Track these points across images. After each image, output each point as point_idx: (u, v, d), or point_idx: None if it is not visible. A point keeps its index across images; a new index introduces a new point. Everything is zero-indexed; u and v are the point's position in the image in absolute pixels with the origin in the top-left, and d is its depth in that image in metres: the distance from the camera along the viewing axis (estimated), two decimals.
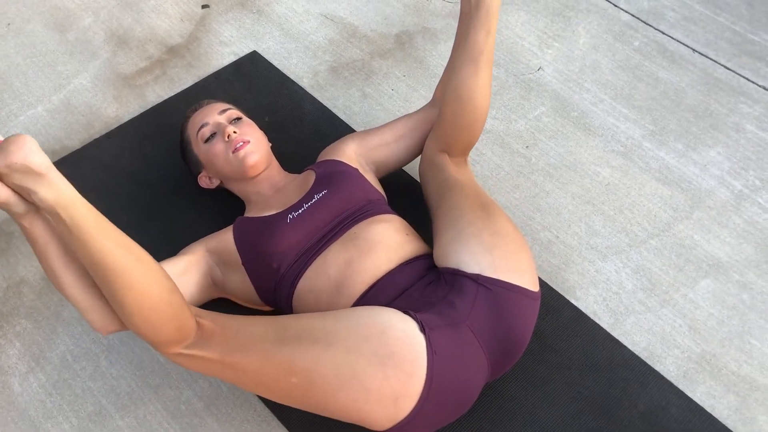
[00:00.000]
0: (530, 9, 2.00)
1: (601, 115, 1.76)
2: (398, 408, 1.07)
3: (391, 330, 1.09)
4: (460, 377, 1.11)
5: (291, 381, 1.08)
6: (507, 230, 1.24)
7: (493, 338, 1.16)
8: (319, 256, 1.28)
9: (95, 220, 1.01)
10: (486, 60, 1.36)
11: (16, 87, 1.83)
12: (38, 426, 1.30)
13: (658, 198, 1.60)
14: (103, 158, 1.67)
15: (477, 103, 1.37)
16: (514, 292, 1.17)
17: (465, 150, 1.44)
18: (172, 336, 1.10)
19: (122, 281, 1.03)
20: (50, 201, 0.96)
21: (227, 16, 1.99)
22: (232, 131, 1.41)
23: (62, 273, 1.07)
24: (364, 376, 1.05)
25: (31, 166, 0.93)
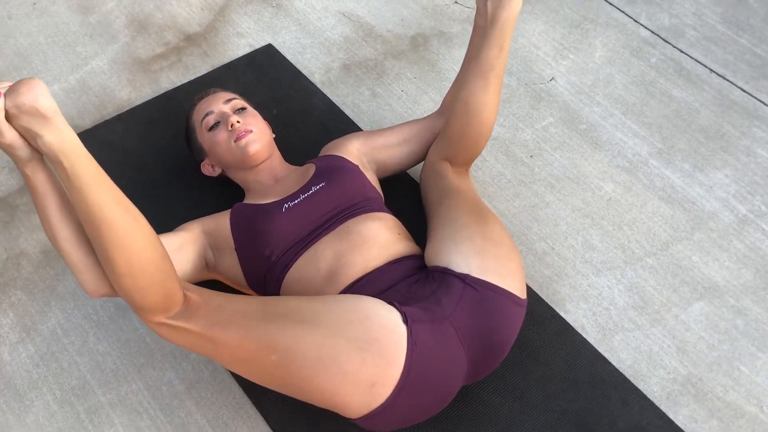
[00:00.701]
0: (548, 19, 1.99)
1: (610, 129, 1.74)
2: (374, 395, 1.07)
3: (375, 317, 1.10)
4: (437, 372, 1.12)
5: (271, 358, 1.08)
6: (500, 237, 1.24)
7: (475, 338, 1.16)
8: (311, 247, 1.29)
9: (95, 172, 1.02)
10: (496, 76, 1.37)
11: (36, 65, 1.87)
12: (22, 395, 1.33)
13: (659, 216, 1.58)
14: (111, 139, 1.70)
15: (484, 118, 1.38)
16: (501, 295, 1.17)
17: (468, 161, 1.46)
18: (158, 303, 1.10)
19: (115, 237, 1.03)
20: (53, 146, 0.97)
21: (247, 9, 2.01)
22: (235, 120, 1.43)
23: (58, 226, 1.08)
24: (344, 359, 1.06)
25: (39, 108, 0.94)
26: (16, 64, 1.87)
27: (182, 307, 1.13)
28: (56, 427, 1.29)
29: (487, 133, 1.42)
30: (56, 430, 1.29)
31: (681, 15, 1.99)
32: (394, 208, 1.51)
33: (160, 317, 1.12)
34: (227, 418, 1.30)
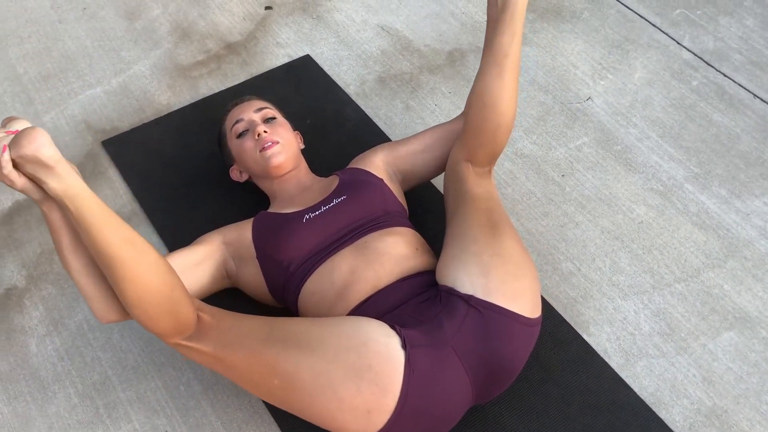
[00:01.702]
0: (589, 38, 1.97)
1: (645, 151, 1.71)
2: (370, 422, 1.07)
3: (372, 343, 1.09)
4: (438, 398, 1.10)
5: (273, 382, 1.10)
6: (511, 252, 1.21)
7: (479, 362, 1.14)
8: (328, 260, 1.29)
9: (100, 212, 1.05)
10: (511, 64, 1.32)
11: (81, 67, 1.93)
12: (46, 387, 1.36)
13: (691, 242, 1.54)
14: (147, 142, 1.74)
15: (501, 109, 1.33)
16: (507, 317, 1.15)
17: (488, 159, 1.39)
18: (170, 329, 1.14)
19: (123, 273, 1.07)
20: (58, 192, 1.02)
21: (287, 19, 2.04)
22: (262, 130, 1.45)
23: (71, 259, 1.13)
24: (339, 386, 1.06)
25: (40, 158, 0.99)
26: (63, 66, 1.93)
27: (195, 329, 1.16)
28: (76, 420, 1.32)
29: (506, 125, 1.36)
30: (76, 422, 1.32)
31: (726, 38, 1.95)
32: (419, 219, 1.51)
33: (174, 339, 1.15)
34: (241, 422, 1.31)
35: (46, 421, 1.32)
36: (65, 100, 1.85)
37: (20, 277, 1.51)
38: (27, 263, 1.53)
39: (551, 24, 2.01)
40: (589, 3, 2.06)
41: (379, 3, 2.08)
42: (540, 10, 2.05)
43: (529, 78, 1.87)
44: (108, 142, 1.75)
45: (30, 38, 2.00)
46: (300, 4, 2.08)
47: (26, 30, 2.02)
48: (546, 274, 1.50)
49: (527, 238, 1.56)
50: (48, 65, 1.93)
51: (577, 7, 2.06)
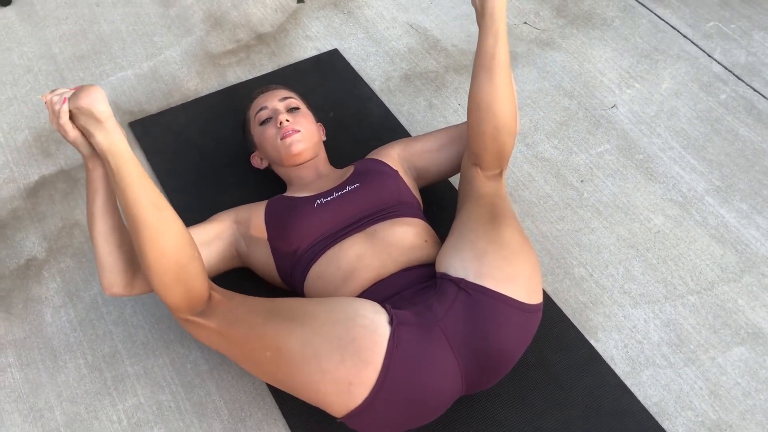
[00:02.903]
0: (618, 47, 1.96)
1: (667, 162, 1.69)
2: (352, 394, 1.08)
3: (360, 318, 1.11)
4: (421, 377, 1.10)
5: (266, 354, 1.13)
6: (508, 240, 1.21)
7: (469, 345, 1.14)
8: (336, 245, 1.31)
9: (137, 174, 1.12)
10: (499, 65, 1.31)
11: (114, 51, 1.97)
12: (57, 356, 1.39)
13: (708, 255, 1.53)
14: (173, 126, 1.78)
15: (496, 110, 1.32)
16: (496, 300, 1.14)
17: (496, 161, 1.37)
18: (182, 301, 1.17)
19: (146, 235, 1.12)
20: (103, 146, 1.10)
21: (318, 13, 2.06)
22: (285, 119, 1.47)
23: (98, 221, 1.19)
24: (324, 356, 1.08)
25: (93, 111, 1.08)
26: (97, 49, 1.97)
27: (205, 306, 1.20)
28: (83, 390, 1.35)
29: (504, 126, 1.33)
30: (83, 392, 1.35)
31: (760, 53, 1.93)
32: (434, 216, 1.51)
33: (185, 314, 1.19)
34: (244, 402, 1.33)
35: (55, 389, 1.35)
36: (97, 80, 1.89)
37: (41, 249, 1.55)
38: (48, 236, 1.57)
39: (581, 30, 2.00)
40: (620, 11, 2.05)
41: (410, 1, 2.10)
42: (570, 16, 2.04)
43: (555, 83, 1.87)
44: (135, 124, 1.78)
45: (67, 20, 2.05)
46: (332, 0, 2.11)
47: (64, 11, 2.07)
48: (557, 277, 1.49)
49: (541, 241, 1.55)
50: (83, 46, 1.98)
51: (609, 15, 2.05)
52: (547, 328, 1.40)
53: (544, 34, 2.00)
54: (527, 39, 1.99)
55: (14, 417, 1.32)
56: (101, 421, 1.31)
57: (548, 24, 2.03)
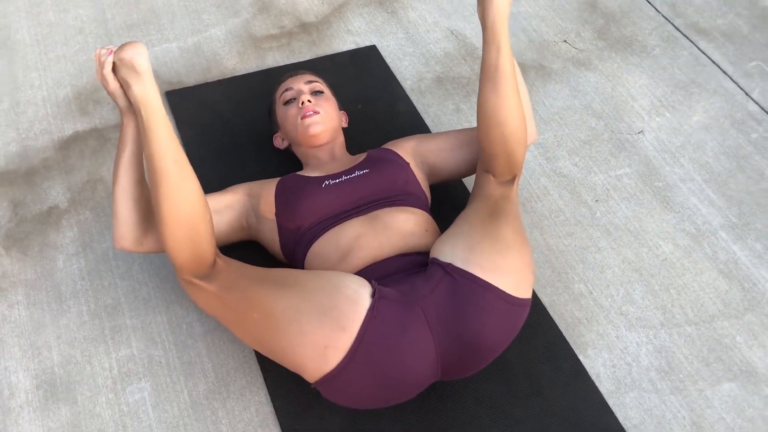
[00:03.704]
0: (654, 75, 1.95)
1: (686, 192, 1.68)
2: (326, 358, 1.11)
3: (344, 288, 1.15)
4: (394, 350, 1.12)
5: (253, 316, 1.17)
6: (503, 235, 1.23)
7: (448, 327, 1.15)
8: (338, 225, 1.34)
9: (165, 129, 1.19)
10: (503, 76, 1.32)
11: (163, 23, 2.04)
12: (63, 300, 1.45)
13: (712, 289, 1.51)
14: (207, 100, 1.83)
15: (502, 119, 1.33)
16: (481, 287, 1.16)
17: (506, 168, 1.38)
18: (188, 260, 1.22)
19: (164, 188, 1.18)
20: (138, 97, 1.17)
21: (363, 10, 2.11)
22: (307, 99, 1.51)
23: (122, 173, 1.27)
24: (305, 319, 1.12)
25: (134, 63, 1.16)
26: (148, 19, 2.05)
27: (209, 271, 1.25)
28: (82, 335, 1.40)
29: (513, 135, 1.34)
30: (81, 337, 1.40)
31: None
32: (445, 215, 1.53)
33: (189, 275, 1.24)
34: (230, 368, 1.37)
35: (56, 331, 1.41)
36: None
37: (64, 199, 1.62)
38: (72, 188, 1.64)
39: (619, 55, 2.00)
40: (663, 41, 2.05)
41: (454, 8, 2.13)
42: (611, 40, 2.05)
43: (585, 102, 1.87)
44: (171, 93, 1.85)
45: None
46: None
47: None
48: (556, 290, 1.50)
49: (546, 253, 1.56)
50: (134, 15, 2.06)
51: (650, 42, 2.04)
52: (537, 338, 1.41)
53: (581, 54, 2.00)
54: (564, 57, 1.99)
55: (14, 350, 1.38)
56: (93, 366, 1.36)
57: (587, 45, 2.03)
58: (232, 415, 1.31)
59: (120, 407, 1.31)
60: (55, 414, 1.30)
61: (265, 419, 1.30)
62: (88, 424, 1.29)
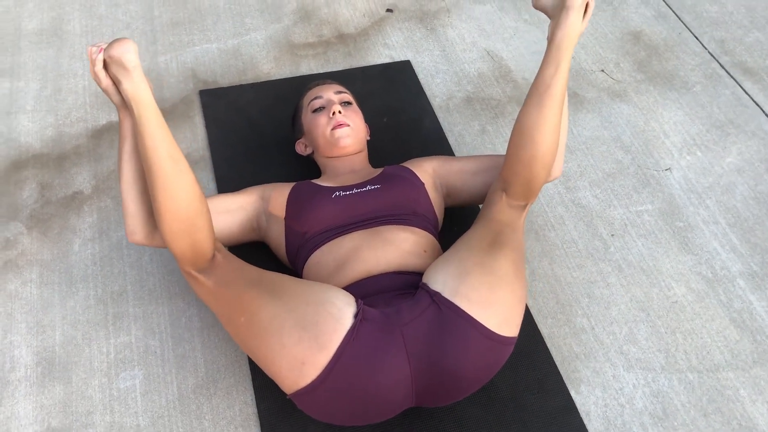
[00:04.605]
0: (691, 112, 1.90)
1: (708, 235, 1.63)
2: (302, 373, 1.11)
3: (328, 304, 1.14)
4: (369, 373, 1.12)
5: (241, 319, 1.18)
6: (498, 267, 1.21)
7: (425, 356, 1.14)
8: (340, 236, 1.35)
9: (156, 123, 1.20)
10: (551, 97, 1.30)
11: (207, 23, 2.10)
12: (72, 283, 1.50)
13: (721, 337, 1.46)
14: (238, 102, 1.88)
15: (537, 139, 1.31)
16: (465, 321, 1.14)
17: (524, 191, 1.36)
18: (186, 252, 1.25)
19: (160, 182, 1.21)
20: (128, 93, 1.19)
21: (402, 25, 2.12)
22: (338, 110, 1.53)
23: (125, 167, 1.29)
24: (287, 332, 1.12)
25: (123, 60, 1.17)
26: (192, 18, 2.11)
27: (208, 264, 1.27)
28: (86, 319, 1.45)
29: (541, 157, 1.32)
30: (85, 321, 1.45)
31: None
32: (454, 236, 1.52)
33: (188, 267, 1.27)
34: (221, 365, 1.39)
35: (62, 312, 1.46)
36: (183, 47, 2.02)
37: (88, 186, 1.68)
38: (98, 176, 1.70)
39: (657, 88, 1.96)
40: (705, 78, 1.99)
41: (494, 29, 2.12)
42: (651, 73, 2.00)
43: (615, 134, 1.84)
44: (204, 92, 1.90)
45: None
46: (419, 14, 2.16)
47: None
48: (557, 322, 1.47)
49: (552, 284, 1.53)
50: (180, 14, 2.12)
51: (692, 79, 1.99)
52: (531, 368, 1.39)
53: (618, 85, 1.97)
54: (600, 86, 1.96)
55: (21, 326, 1.44)
56: (92, 350, 1.41)
57: (626, 76, 1.99)
58: (216, 412, 1.33)
59: (111, 392, 1.35)
60: (49, 391, 1.35)
61: (247, 419, 1.32)
62: (78, 404, 1.33)
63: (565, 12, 1.28)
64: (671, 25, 2.15)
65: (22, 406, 1.33)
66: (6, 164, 1.72)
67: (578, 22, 1.29)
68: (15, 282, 1.50)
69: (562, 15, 1.29)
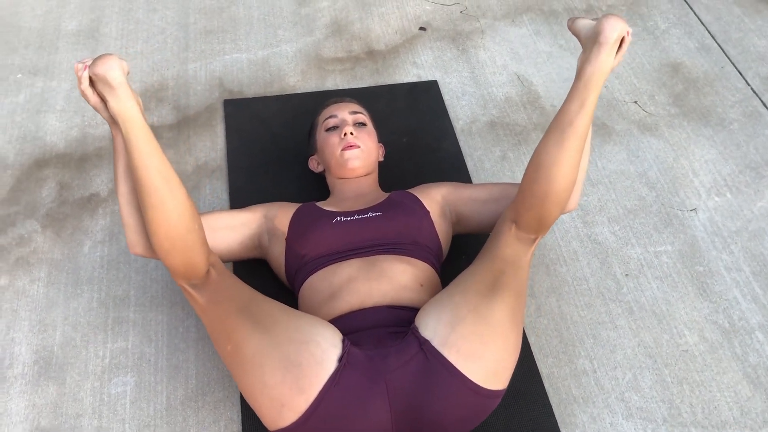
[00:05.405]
0: (725, 151, 1.82)
1: (729, 283, 1.56)
2: (282, 415, 1.09)
3: (313, 345, 1.12)
4: (349, 423, 1.10)
5: (227, 347, 1.17)
6: (493, 315, 1.16)
7: (408, 408, 1.11)
8: (336, 263, 1.33)
9: (145, 141, 1.18)
10: (574, 133, 1.23)
11: (239, 33, 2.12)
12: (78, 284, 1.53)
13: (732, 393, 1.39)
14: (261, 113, 1.88)
15: (554, 176, 1.25)
16: (451, 375, 1.11)
17: (534, 226, 1.30)
18: (179, 268, 1.24)
19: (149, 199, 1.20)
20: (114, 111, 1.18)
21: (434, 44, 2.10)
22: (350, 131, 1.51)
23: (121, 183, 1.27)
24: (268, 371, 1.10)
25: (108, 78, 1.15)
26: (226, 28, 2.13)
27: (201, 280, 1.26)
28: (86, 321, 1.47)
29: (557, 194, 1.26)
30: (85, 323, 1.47)
31: None
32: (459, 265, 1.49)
33: (182, 282, 1.26)
34: (212, 378, 1.39)
35: (64, 312, 1.48)
36: (213, 56, 2.04)
37: (105, 189, 1.71)
38: None
39: (691, 124, 1.89)
40: (744, 116, 1.91)
41: (527, 53, 2.08)
42: (686, 108, 1.93)
43: (641, 169, 1.78)
44: (229, 102, 1.91)
45: None
46: (452, 34, 2.13)
47: None
48: (558, 362, 1.42)
49: (557, 321, 1.49)
50: (215, 22, 2.15)
51: (729, 116, 1.91)
52: (525, 408, 1.34)
53: (649, 118, 1.90)
54: (631, 118, 1.90)
55: (24, 324, 1.47)
56: (89, 352, 1.42)
57: (659, 109, 1.93)
58: (201, 426, 1.33)
59: (101, 396, 1.36)
60: (43, 391, 1.37)
61: None
62: (68, 406, 1.35)
63: (597, 47, 1.21)
64: (714, 58, 2.07)
65: (15, 404, 1.35)
66: (30, 162, 1.76)
67: (610, 59, 1.22)
68: (24, 279, 1.53)
69: (594, 49, 1.22)
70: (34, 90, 1.93)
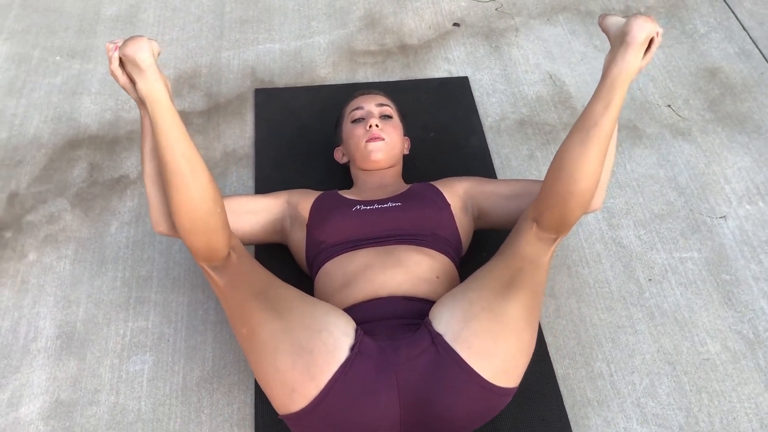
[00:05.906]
0: (760, 158, 1.78)
1: (756, 293, 1.52)
2: (292, 400, 1.10)
3: (327, 334, 1.12)
4: (358, 412, 1.10)
5: (243, 330, 1.18)
6: (507, 314, 1.15)
7: (417, 400, 1.11)
8: (353, 251, 1.34)
9: (171, 122, 1.20)
10: (598, 134, 1.21)
11: (274, 23, 2.14)
12: (102, 263, 1.56)
13: (753, 404, 1.36)
14: (291, 103, 1.90)
15: (576, 175, 1.23)
16: (461, 370, 1.10)
17: (556, 225, 1.28)
18: (200, 249, 1.26)
19: (174, 181, 1.21)
20: (142, 92, 1.19)
21: (467, 40, 2.09)
22: (375, 124, 1.52)
23: (147, 162, 1.30)
24: (281, 356, 1.11)
25: (136, 59, 1.16)
26: (260, 18, 2.15)
27: (221, 263, 1.27)
28: (109, 299, 1.50)
29: (579, 194, 1.23)
30: (108, 301, 1.50)
31: None
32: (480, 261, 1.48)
33: (202, 263, 1.28)
34: (228, 362, 1.40)
35: (88, 290, 1.51)
36: (247, 45, 2.06)
37: (135, 171, 1.74)
38: None
39: (726, 130, 1.85)
40: None
41: (561, 52, 2.06)
42: (721, 113, 1.89)
43: (671, 174, 1.75)
44: (259, 91, 1.93)
45: None
46: (486, 31, 2.12)
47: None
48: (575, 364, 1.41)
49: (576, 323, 1.47)
50: (250, 12, 2.17)
51: (767, 123, 1.87)
52: (538, 408, 1.33)
53: (683, 123, 1.87)
54: (663, 122, 1.87)
55: (49, 299, 1.50)
56: (110, 330, 1.45)
57: (693, 114, 1.89)
58: (215, 407, 1.35)
59: (120, 373, 1.39)
60: (64, 365, 1.40)
61: (243, 419, 1.33)
62: (87, 381, 1.38)
63: (624, 47, 1.19)
64: (754, 64, 2.03)
65: (37, 375, 1.38)
66: (63, 142, 1.80)
67: (637, 60, 1.19)
68: (52, 256, 1.57)
69: (621, 49, 1.20)
70: (71, 72, 1.98)
